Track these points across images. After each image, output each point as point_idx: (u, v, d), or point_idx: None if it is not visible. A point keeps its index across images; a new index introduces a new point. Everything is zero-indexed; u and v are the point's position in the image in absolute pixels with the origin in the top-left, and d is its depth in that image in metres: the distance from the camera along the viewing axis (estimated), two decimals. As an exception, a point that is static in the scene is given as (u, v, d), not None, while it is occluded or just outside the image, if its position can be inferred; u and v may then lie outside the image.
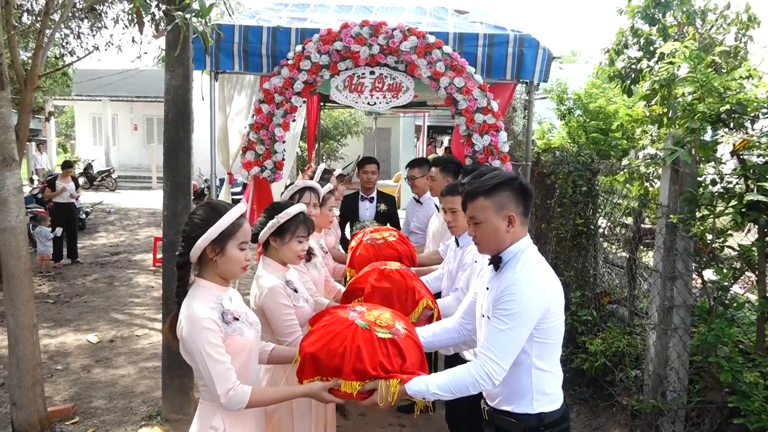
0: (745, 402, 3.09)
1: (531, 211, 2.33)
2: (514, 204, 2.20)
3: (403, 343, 2.27)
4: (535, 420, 2.20)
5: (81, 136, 27.39)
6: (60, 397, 5.08)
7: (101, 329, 6.87)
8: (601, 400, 4.52)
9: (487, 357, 2.11)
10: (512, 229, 2.20)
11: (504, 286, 2.14)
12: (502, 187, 2.20)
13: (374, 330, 2.27)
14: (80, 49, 9.93)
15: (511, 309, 2.09)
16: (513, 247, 2.22)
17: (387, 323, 2.33)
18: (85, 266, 10.11)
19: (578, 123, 7.88)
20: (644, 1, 6.19)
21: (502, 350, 2.10)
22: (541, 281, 2.15)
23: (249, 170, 4.83)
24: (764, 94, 3.36)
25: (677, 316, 3.71)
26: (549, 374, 2.22)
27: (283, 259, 2.85)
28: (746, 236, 3.57)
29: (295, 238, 2.81)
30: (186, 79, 4.33)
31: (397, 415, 4.61)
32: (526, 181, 2.27)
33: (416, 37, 4.61)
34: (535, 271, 2.17)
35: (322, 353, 2.23)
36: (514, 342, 2.10)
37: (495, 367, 2.09)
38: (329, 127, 21.97)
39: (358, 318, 2.33)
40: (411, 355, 2.28)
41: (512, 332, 2.09)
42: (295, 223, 2.81)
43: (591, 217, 5.19)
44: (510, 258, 2.22)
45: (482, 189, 2.21)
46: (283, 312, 2.73)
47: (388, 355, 2.21)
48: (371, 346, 2.21)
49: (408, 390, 2.17)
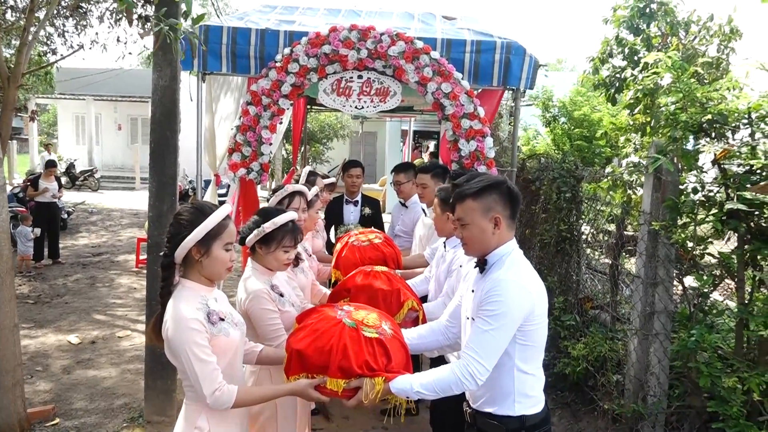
0: (723, 407, 3.14)
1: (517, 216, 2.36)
2: (500, 207, 2.24)
3: (389, 344, 2.29)
4: (516, 422, 2.23)
5: (64, 136, 27.06)
6: (40, 398, 5.02)
7: (82, 330, 6.79)
8: (583, 405, 4.56)
9: (470, 357, 2.14)
10: (498, 231, 2.24)
11: (489, 288, 2.17)
12: (489, 190, 2.24)
13: (361, 329, 2.29)
14: (64, 47, 9.85)
15: (496, 310, 2.12)
16: (499, 250, 2.26)
17: (374, 323, 2.35)
18: (67, 267, 9.99)
19: (563, 130, 7.97)
20: (629, 12, 6.29)
21: (486, 350, 2.12)
22: (526, 284, 2.18)
23: (235, 172, 4.82)
24: (745, 105, 3.43)
25: (658, 322, 3.76)
26: (531, 377, 2.25)
27: (268, 266, 2.84)
28: (726, 244, 3.64)
29: (280, 248, 2.78)
30: (174, 80, 4.31)
31: (380, 417, 4.62)
32: (514, 186, 2.31)
33: (404, 42, 4.64)
34: (520, 273, 2.20)
35: (309, 350, 2.25)
36: (497, 343, 2.13)
37: (478, 367, 2.12)
38: (315, 130, 21.95)
39: (346, 317, 2.35)
40: (396, 355, 2.30)
41: (496, 333, 2.12)
42: (282, 233, 2.77)
43: (575, 223, 5.25)
44: (495, 260, 2.25)
45: (470, 191, 2.26)
46: (268, 317, 2.72)
47: (374, 354, 2.23)
48: (358, 345, 2.23)
49: (392, 388, 2.19)
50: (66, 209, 13.03)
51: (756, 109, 3.35)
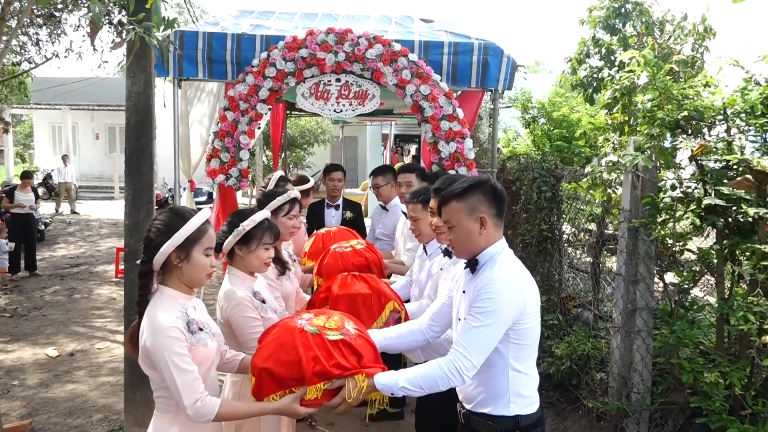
0: (706, 402, 3.15)
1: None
2: (485, 206, 2.22)
3: (355, 342, 2.27)
4: (511, 422, 2.20)
5: (40, 146, 26.64)
6: (17, 413, 4.90)
7: (60, 343, 6.67)
8: (568, 403, 4.57)
9: (458, 352, 2.11)
10: (485, 231, 2.22)
11: (480, 286, 2.15)
12: (472, 190, 2.23)
13: (324, 334, 2.26)
14: (39, 56, 9.69)
15: (487, 307, 2.10)
16: (489, 250, 2.24)
17: (336, 325, 2.33)
18: (44, 278, 9.82)
19: (542, 131, 8.00)
20: (605, 12, 6.35)
21: (474, 347, 2.10)
22: (518, 282, 2.16)
23: (214, 178, 4.77)
24: (720, 101, 3.46)
25: (640, 319, 3.78)
26: (525, 376, 2.23)
27: (250, 268, 2.80)
28: (705, 240, 3.66)
29: (261, 246, 2.76)
30: (148, 86, 4.25)
31: (366, 423, 4.58)
32: (498, 184, 2.29)
33: (382, 44, 4.62)
34: (512, 272, 2.19)
35: (278, 366, 2.19)
36: (486, 339, 2.11)
37: (465, 362, 2.09)
38: (296, 135, 21.87)
39: (307, 324, 2.31)
40: (366, 352, 2.28)
41: (486, 330, 2.09)
42: (260, 230, 2.76)
43: (555, 222, 5.26)
44: (486, 260, 2.23)
45: (454, 193, 2.24)
46: (251, 325, 2.67)
47: (344, 355, 2.21)
48: (324, 349, 2.20)
49: (377, 384, 2.16)
50: (43, 220, 12.83)
51: (731, 105, 3.38)
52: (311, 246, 4.26)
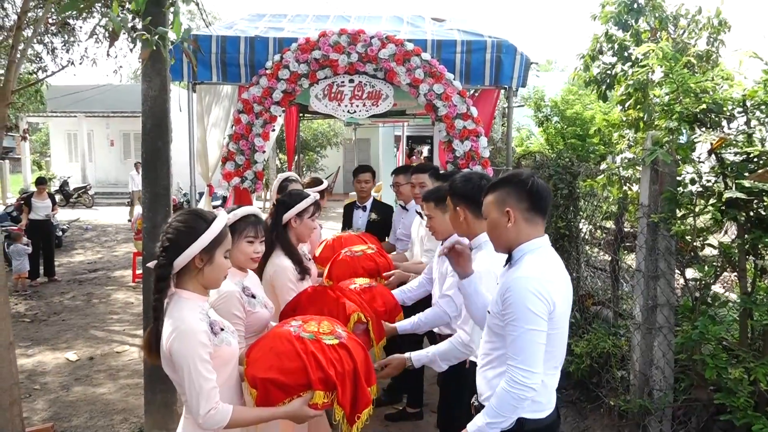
0: (730, 398, 3.11)
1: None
2: (514, 200, 2.18)
3: (349, 344, 2.34)
4: (514, 424, 2.14)
5: (56, 153, 26.94)
6: (39, 417, 4.95)
7: (80, 347, 6.72)
8: (588, 402, 4.52)
9: (512, 367, 2.06)
10: (513, 225, 2.18)
11: (505, 287, 2.11)
12: (503, 184, 2.23)
13: (321, 339, 2.30)
14: (54, 64, 9.80)
15: (513, 314, 2.06)
16: (523, 246, 2.19)
17: (329, 329, 2.37)
18: (63, 284, 9.91)
19: (556, 130, 7.96)
20: (617, 8, 6.30)
21: (524, 354, 2.05)
22: (542, 279, 2.08)
23: (229, 181, 4.79)
24: (740, 93, 3.41)
25: (661, 315, 3.73)
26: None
27: (236, 263, 2.74)
28: (725, 235, 3.61)
29: (243, 239, 2.72)
30: (164, 89, 4.27)
31: (384, 423, 4.57)
32: (537, 180, 2.22)
33: (394, 44, 4.62)
34: (537, 270, 2.11)
35: (283, 374, 2.20)
36: (532, 342, 2.05)
37: (523, 373, 2.04)
38: (309, 138, 21.94)
39: (302, 331, 2.33)
40: (358, 354, 2.35)
41: (525, 335, 2.04)
42: (243, 224, 2.73)
43: (572, 220, 5.22)
44: (519, 256, 2.18)
45: (489, 186, 2.29)
46: (233, 321, 2.64)
47: (341, 359, 2.26)
48: (324, 354, 2.24)
49: (469, 428, 2.17)
50: (60, 227, 12.95)
51: (751, 97, 3.34)
52: (322, 251, 4.28)
